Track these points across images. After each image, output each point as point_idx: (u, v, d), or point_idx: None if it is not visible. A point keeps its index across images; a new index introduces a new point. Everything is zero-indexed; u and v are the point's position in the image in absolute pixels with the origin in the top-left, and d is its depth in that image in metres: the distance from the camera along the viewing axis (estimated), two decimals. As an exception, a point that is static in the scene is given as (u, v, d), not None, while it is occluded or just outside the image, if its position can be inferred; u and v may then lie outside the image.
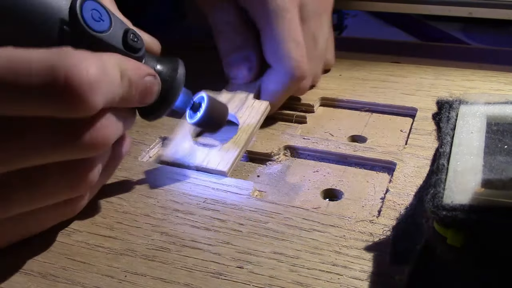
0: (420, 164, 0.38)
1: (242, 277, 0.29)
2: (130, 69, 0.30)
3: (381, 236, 0.31)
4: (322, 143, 0.41)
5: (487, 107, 0.29)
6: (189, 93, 0.35)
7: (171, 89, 0.32)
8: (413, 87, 0.49)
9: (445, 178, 0.24)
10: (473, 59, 0.56)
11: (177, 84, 0.33)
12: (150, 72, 0.31)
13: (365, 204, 0.35)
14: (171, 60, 0.33)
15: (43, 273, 0.30)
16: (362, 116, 0.46)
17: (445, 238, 0.22)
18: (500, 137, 0.26)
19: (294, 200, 0.36)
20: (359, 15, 1.01)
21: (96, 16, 0.28)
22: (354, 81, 0.51)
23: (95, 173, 0.30)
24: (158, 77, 0.32)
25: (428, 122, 0.42)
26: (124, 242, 0.32)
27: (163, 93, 0.32)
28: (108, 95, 0.28)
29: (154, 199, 0.35)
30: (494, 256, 0.22)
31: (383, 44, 0.63)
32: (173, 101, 0.33)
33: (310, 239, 0.31)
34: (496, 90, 0.48)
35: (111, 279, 0.29)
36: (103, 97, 0.27)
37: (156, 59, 0.33)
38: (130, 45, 0.30)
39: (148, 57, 0.32)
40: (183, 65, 0.34)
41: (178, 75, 0.33)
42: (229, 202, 0.35)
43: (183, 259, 0.30)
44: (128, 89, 0.30)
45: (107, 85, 0.27)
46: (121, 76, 0.29)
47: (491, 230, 0.21)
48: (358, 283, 0.28)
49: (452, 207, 0.22)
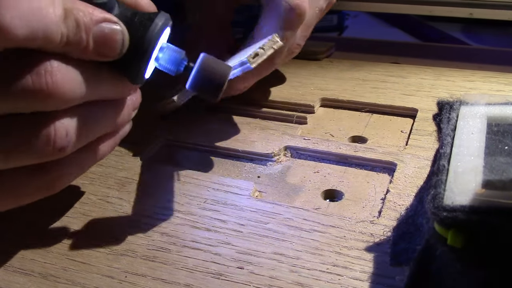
0: (420, 165, 0.38)
1: (242, 277, 0.29)
2: (79, 9, 0.27)
3: (381, 237, 0.31)
4: (322, 144, 0.41)
5: (488, 108, 0.29)
6: (181, 52, 0.32)
7: (142, 39, 0.29)
8: (413, 88, 0.49)
9: (446, 179, 0.24)
10: (473, 60, 0.56)
11: (150, 33, 0.29)
12: (108, 18, 0.28)
13: (365, 205, 0.35)
14: (153, 13, 0.30)
15: (43, 273, 0.30)
16: (362, 117, 0.46)
17: (445, 239, 0.22)
18: (501, 138, 0.26)
19: (294, 200, 0.36)
20: (360, 16, 1.00)
21: None
22: (355, 82, 0.51)
23: (59, 133, 0.28)
24: (121, 24, 0.29)
25: (428, 123, 0.42)
26: (125, 242, 0.32)
27: (134, 45, 0.29)
28: (34, 25, 0.25)
29: (155, 199, 0.35)
30: (495, 256, 0.22)
31: (383, 45, 0.63)
32: (145, 52, 0.29)
33: (311, 240, 0.31)
34: (497, 91, 0.48)
35: (112, 280, 0.29)
36: (24, 23, 0.24)
37: (132, 12, 0.30)
38: None
39: (123, 7, 0.30)
40: (165, 17, 0.30)
41: (152, 24, 0.29)
42: (230, 203, 0.35)
43: (184, 260, 0.30)
44: (75, 31, 0.27)
45: (32, 11, 0.25)
46: (65, 15, 0.26)
47: (492, 231, 0.21)
48: (359, 283, 0.28)
49: (452, 208, 0.22)
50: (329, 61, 0.57)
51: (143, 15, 0.30)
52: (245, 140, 0.42)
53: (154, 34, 0.29)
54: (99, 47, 0.28)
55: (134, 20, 0.29)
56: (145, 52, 0.29)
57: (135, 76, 0.30)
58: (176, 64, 0.31)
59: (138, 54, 0.29)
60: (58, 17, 0.26)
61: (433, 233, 0.23)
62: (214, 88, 0.31)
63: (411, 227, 0.27)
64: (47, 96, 0.26)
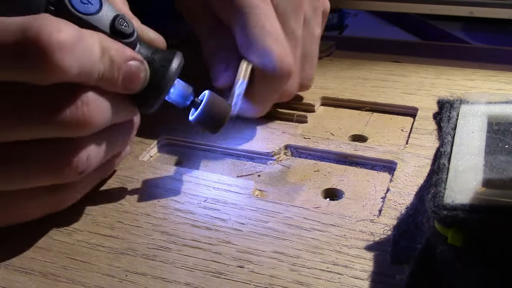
0: (421, 164, 0.38)
1: (242, 276, 0.29)
2: (113, 48, 0.30)
3: (381, 236, 0.31)
4: (322, 143, 0.41)
5: (488, 106, 0.29)
6: (189, 88, 0.35)
7: (162, 78, 0.32)
8: (413, 87, 0.49)
9: (446, 177, 0.24)
10: (474, 59, 0.56)
11: (169, 74, 0.32)
12: (136, 56, 0.31)
13: (365, 204, 0.35)
14: (168, 52, 0.33)
15: (44, 272, 0.30)
16: (362, 116, 0.46)
17: (445, 238, 0.22)
18: (501, 137, 0.26)
19: (294, 199, 0.36)
20: (360, 15, 1.01)
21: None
22: (355, 81, 0.51)
23: (81, 158, 0.30)
24: (145, 63, 0.31)
25: (429, 122, 0.42)
26: (125, 241, 0.32)
27: (154, 82, 0.32)
28: (83, 64, 0.27)
29: (155, 198, 0.35)
30: (495, 255, 0.22)
31: (383, 43, 0.63)
32: (163, 90, 0.32)
33: (311, 239, 0.31)
34: (497, 90, 0.48)
35: (112, 279, 0.29)
36: (76, 64, 0.27)
37: (152, 50, 0.33)
38: (118, 30, 0.30)
39: (144, 46, 0.33)
40: (180, 57, 0.33)
41: (172, 65, 0.32)
42: (230, 202, 0.35)
43: (184, 259, 0.30)
44: (110, 68, 0.29)
45: (83, 53, 0.27)
46: (102, 53, 0.29)
47: (492, 229, 0.21)
48: (359, 282, 0.28)
49: (453, 206, 0.22)
50: (329, 60, 0.57)
51: (162, 54, 0.33)
52: (245, 139, 0.42)
53: (172, 75, 0.32)
54: (126, 82, 0.31)
55: (155, 59, 0.32)
56: (163, 90, 0.32)
57: (147, 108, 0.33)
58: (184, 98, 0.34)
59: (157, 91, 0.32)
60: (98, 56, 0.29)
61: (433, 232, 0.23)
62: (215, 124, 0.35)
63: (411, 226, 0.27)
64: (82, 124, 0.29)
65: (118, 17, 0.30)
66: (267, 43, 0.39)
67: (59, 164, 0.29)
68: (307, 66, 0.45)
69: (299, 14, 0.42)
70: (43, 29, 0.26)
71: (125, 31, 0.31)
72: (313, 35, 0.44)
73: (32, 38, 0.25)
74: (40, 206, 0.32)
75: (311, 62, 0.45)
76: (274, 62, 0.39)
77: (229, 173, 0.39)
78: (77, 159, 0.30)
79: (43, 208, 0.32)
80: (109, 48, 0.29)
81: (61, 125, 0.28)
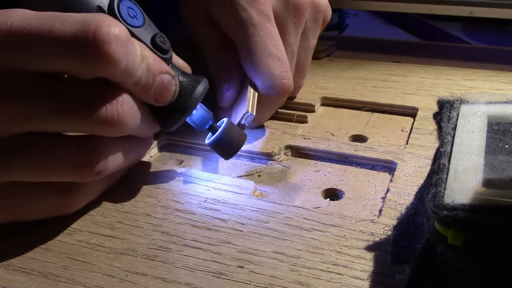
0: (421, 164, 0.38)
1: (243, 276, 0.29)
2: (151, 58, 0.32)
3: (382, 236, 0.31)
4: (323, 143, 0.41)
5: (488, 106, 0.29)
6: (209, 113, 0.36)
7: (188, 98, 0.34)
8: (414, 87, 0.49)
9: (446, 177, 0.24)
10: (473, 59, 0.56)
11: (194, 96, 0.34)
12: (169, 71, 0.33)
13: (366, 204, 0.35)
14: (195, 76, 0.35)
15: (44, 272, 0.30)
16: (363, 116, 0.46)
17: (445, 238, 0.22)
18: (501, 137, 0.26)
19: (295, 199, 0.36)
20: (360, 15, 1.01)
21: (131, 13, 0.32)
22: (355, 81, 0.51)
23: (101, 160, 0.31)
24: (177, 79, 0.33)
25: (429, 122, 0.42)
26: (125, 241, 0.32)
27: (179, 101, 0.34)
28: (130, 62, 0.29)
29: (155, 198, 0.35)
30: (495, 255, 0.22)
31: (383, 44, 0.63)
32: (187, 110, 0.34)
33: (311, 239, 0.31)
34: (497, 90, 0.48)
35: (112, 279, 0.29)
36: (126, 59, 0.29)
37: (181, 72, 0.35)
38: (157, 44, 0.33)
39: (174, 67, 0.35)
40: (206, 83, 0.35)
41: (198, 88, 0.34)
42: (230, 202, 0.35)
43: (184, 259, 0.30)
44: (146, 75, 0.31)
45: (131, 51, 0.29)
46: (141, 59, 0.31)
47: (492, 229, 0.21)
48: (359, 282, 0.28)
49: (453, 206, 0.22)
50: (329, 60, 0.57)
51: (190, 77, 0.35)
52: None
53: (197, 97, 0.34)
54: (157, 93, 0.32)
55: (183, 80, 0.34)
56: (187, 110, 0.34)
57: (170, 125, 0.35)
58: (204, 122, 0.36)
59: (180, 110, 0.34)
60: (139, 60, 0.31)
61: (433, 232, 0.23)
62: (229, 151, 0.37)
63: (411, 226, 0.27)
64: (115, 123, 0.30)
65: (158, 34, 0.33)
66: (269, 65, 0.41)
67: (80, 162, 0.30)
68: (298, 77, 0.46)
69: (299, 28, 0.43)
70: (102, 22, 0.28)
71: (163, 47, 0.33)
72: (308, 46, 0.46)
73: (92, 28, 0.28)
74: (49, 207, 0.32)
75: (303, 72, 0.46)
76: (276, 83, 0.41)
77: (229, 173, 0.39)
78: (97, 160, 0.31)
79: (51, 209, 0.33)
80: (147, 57, 0.31)
81: (95, 120, 0.29)
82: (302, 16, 0.43)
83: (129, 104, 0.31)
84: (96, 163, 0.31)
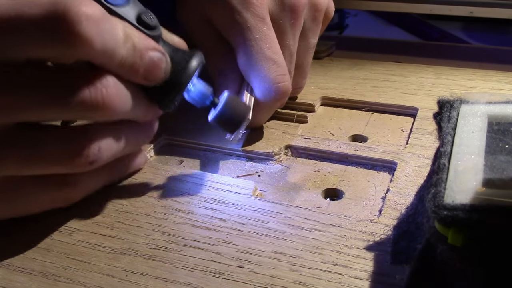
0: (421, 164, 0.38)
1: (242, 276, 0.29)
2: (136, 36, 0.30)
3: (382, 236, 0.31)
4: (323, 143, 0.41)
5: (488, 106, 0.29)
6: (209, 88, 0.35)
7: (182, 74, 0.33)
8: (414, 87, 0.49)
9: (446, 177, 0.24)
10: (474, 59, 0.56)
11: (188, 71, 0.33)
12: (158, 47, 0.31)
13: (366, 204, 0.35)
14: (189, 51, 0.34)
15: (44, 272, 0.30)
16: (363, 116, 0.46)
17: (446, 238, 0.22)
18: (501, 137, 0.26)
19: (295, 199, 0.36)
20: (360, 14, 1.01)
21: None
22: (355, 81, 0.51)
23: (93, 148, 0.30)
24: (167, 56, 0.32)
25: (429, 122, 0.42)
26: (125, 241, 0.32)
27: (173, 78, 0.33)
28: (107, 42, 0.28)
29: (155, 198, 0.35)
30: (495, 255, 0.22)
31: (384, 44, 0.63)
32: (182, 86, 0.33)
33: (311, 239, 0.31)
34: (497, 90, 0.48)
35: (112, 279, 0.29)
36: (100, 39, 0.27)
37: (173, 48, 0.34)
38: (143, 21, 0.31)
39: (166, 44, 0.33)
40: (201, 56, 0.34)
41: (192, 62, 0.33)
42: (230, 202, 0.35)
43: (184, 259, 0.30)
44: (132, 54, 0.30)
45: (107, 31, 0.28)
46: (125, 38, 0.30)
47: (492, 229, 0.21)
48: (359, 282, 0.28)
49: (453, 206, 0.22)
50: (329, 60, 0.57)
51: (183, 52, 0.34)
52: (245, 139, 0.42)
53: (192, 71, 0.33)
54: (147, 72, 0.31)
55: (176, 56, 0.33)
56: (182, 85, 0.33)
57: (167, 104, 0.33)
58: (203, 98, 0.35)
59: (176, 86, 0.33)
60: (121, 40, 0.29)
61: (433, 232, 0.23)
62: (234, 125, 0.36)
63: (411, 226, 0.27)
64: (100, 107, 0.29)
65: (144, 11, 0.32)
66: (265, 69, 0.40)
67: (71, 152, 0.30)
68: (299, 77, 0.45)
69: (296, 29, 0.43)
70: (73, 1, 0.27)
71: (149, 23, 0.32)
72: (308, 45, 0.45)
73: (61, 9, 0.26)
74: (47, 200, 0.32)
75: (304, 72, 0.46)
76: (272, 87, 0.40)
77: (229, 173, 0.39)
78: (89, 148, 0.30)
79: (48, 202, 0.32)
80: (132, 35, 0.30)
81: (78, 105, 0.28)
82: (299, 17, 0.43)
83: (114, 86, 0.30)
84: (88, 152, 0.30)
